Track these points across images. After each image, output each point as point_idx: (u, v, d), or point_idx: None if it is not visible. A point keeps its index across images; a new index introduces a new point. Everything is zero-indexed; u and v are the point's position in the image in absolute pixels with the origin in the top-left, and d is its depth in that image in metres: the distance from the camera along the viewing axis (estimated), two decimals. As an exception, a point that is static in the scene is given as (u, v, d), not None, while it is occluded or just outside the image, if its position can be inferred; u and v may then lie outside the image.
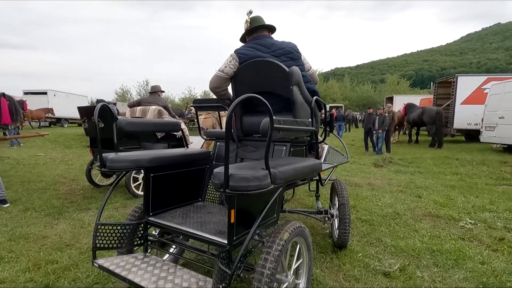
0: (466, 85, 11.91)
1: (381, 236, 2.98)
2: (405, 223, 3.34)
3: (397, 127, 12.60)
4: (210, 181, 2.35)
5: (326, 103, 1.51)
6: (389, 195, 4.50)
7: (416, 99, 17.64)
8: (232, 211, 1.49)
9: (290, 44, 2.25)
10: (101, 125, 4.32)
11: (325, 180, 2.69)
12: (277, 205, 1.87)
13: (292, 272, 1.69)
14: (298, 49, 2.26)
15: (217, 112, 7.33)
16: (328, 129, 2.44)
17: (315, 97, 2.18)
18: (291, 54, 2.18)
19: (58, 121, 22.27)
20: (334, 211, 2.81)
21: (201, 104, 2.44)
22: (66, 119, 22.86)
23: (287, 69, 1.98)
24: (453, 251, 2.63)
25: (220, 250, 1.53)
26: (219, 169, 1.35)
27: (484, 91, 11.42)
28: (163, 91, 5.56)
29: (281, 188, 1.65)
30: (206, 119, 7.29)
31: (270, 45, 2.20)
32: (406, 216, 3.55)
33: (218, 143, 2.53)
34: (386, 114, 9.51)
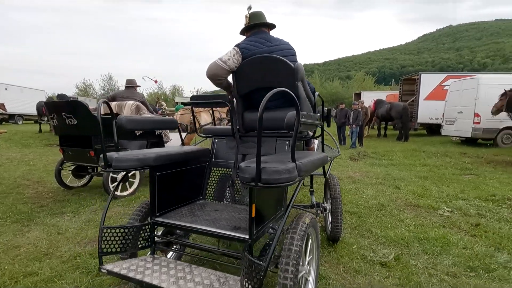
0: (428, 82, 12.77)
1: (371, 227, 3.08)
2: (390, 213, 3.49)
3: (368, 122, 13.20)
4: (229, 177, 2.31)
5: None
6: (370, 187, 4.68)
7: (382, 95, 18.59)
8: (254, 206, 1.51)
9: (286, 42, 2.26)
10: (74, 122, 3.98)
11: (327, 172, 2.74)
12: (284, 198, 1.92)
13: (307, 262, 1.70)
14: (292, 47, 2.27)
15: (196, 109, 7.14)
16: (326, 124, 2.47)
17: (317, 93, 2.20)
18: (288, 50, 2.20)
19: (11, 118, 20.27)
20: (327, 205, 2.85)
21: (200, 101, 2.33)
22: (21, 115, 20.90)
23: (293, 65, 2.00)
24: (438, 238, 2.79)
25: (245, 245, 1.53)
26: (247, 164, 1.34)
27: (444, 88, 12.34)
28: (139, 86, 5.26)
29: (302, 181, 1.67)
30: (183, 115, 7.04)
31: (272, 41, 2.20)
32: (390, 207, 3.72)
33: (216, 140, 2.47)
34: (360, 110, 9.90)
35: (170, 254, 2.22)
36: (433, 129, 13.48)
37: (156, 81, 6.96)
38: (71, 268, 2.32)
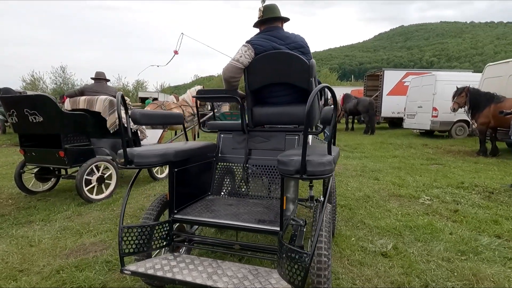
0: (390, 78, 13.57)
1: (363, 219, 3.17)
2: (377, 204, 3.63)
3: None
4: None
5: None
6: (352, 179, 4.84)
7: (347, 90, 19.40)
8: (285, 198, 1.59)
9: (301, 37, 2.24)
10: (39, 119, 3.55)
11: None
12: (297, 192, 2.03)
13: None
14: (307, 43, 2.25)
15: (165, 103, 6.80)
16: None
17: (325, 84, 2.20)
18: (302, 48, 2.19)
19: None
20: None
21: (208, 95, 2.24)
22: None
23: (308, 62, 2.00)
24: (425, 226, 2.96)
25: (279, 237, 1.56)
26: (289, 156, 1.36)
27: (404, 84, 13.21)
28: (109, 80, 4.84)
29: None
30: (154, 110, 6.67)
31: (284, 38, 2.16)
32: (376, 198, 3.87)
33: (222, 135, 2.44)
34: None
35: (181, 251, 2.19)
36: (395, 122, 14.40)
37: (176, 52, 6.59)
38: (55, 285, 2.05)
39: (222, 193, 2.37)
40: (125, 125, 1.70)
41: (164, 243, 1.81)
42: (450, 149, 8.20)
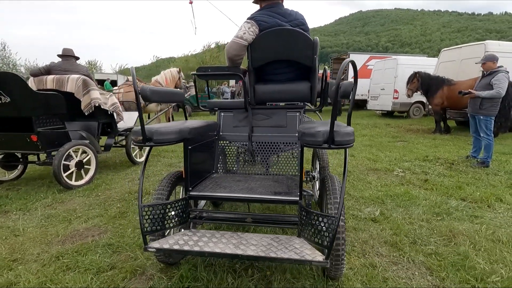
0: (355, 61, 14.15)
1: (348, 191, 3.42)
2: (358, 178, 3.93)
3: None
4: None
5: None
6: (331, 157, 5.13)
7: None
8: (304, 169, 1.71)
9: (301, 15, 2.26)
10: (6, 100, 3.21)
11: None
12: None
13: None
14: (306, 22, 2.26)
15: (139, 84, 6.46)
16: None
17: (325, 66, 2.29)
18: (303, 25, 2.21)
19: None
20: (316, 174, 3.05)
21: (209, 73, 2.18)
22: None
23: (312, 39, 2.05)
24: (403, 194, 3.29)
25: (300, 205, 1.69)
26: (313, 128, 1.44)
27: (368, 67, 13.90)
28: (78, 58, 4.44)
29: None
30: (127, 93, 6.31)
31: (286, 15, 2.16)
32: (356, 172, 4.17)
33: (222, 113, 2.44)
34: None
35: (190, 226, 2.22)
36: (359, 104, 15.20)
37: (191, 2, 6.05)
38: (60, 271, 1.97)
39: (227, 171, 2.41)
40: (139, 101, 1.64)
41: (182, 220, 1.83)
42: (409, 127, 8.96)
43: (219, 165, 2.39)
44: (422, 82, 7.85)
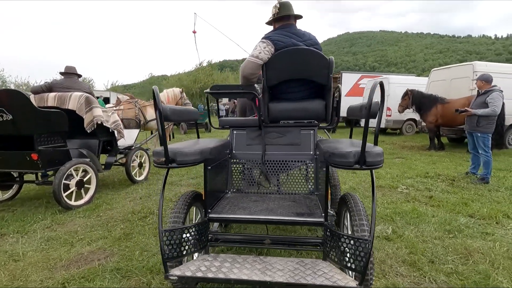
0: (348, 80, 14.55)
1: (356, 209, 3.40)
2: (363, 195, 3.92)
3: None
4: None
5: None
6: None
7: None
8: (329, 190, 1.71)
9: (314, 36, 2.33)
10: (8, 117, 3.13)
11: None
12: None
13: None
14: (318, 41, 2.34)
15: (140, 102, 6.43)
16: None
17: (338, 85, 2.32)
18: (317, 45, 2.28)
19: None
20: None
21: (224, 91, 2.18)
22: None
23: (328, 58, 2.10)
24: (411, 211, 3.29)
25: (326, 227, 1.65)
26: (343, 147, 1.43)
27: (360, 86, 14.28)
28: (80, 75, 4.42)
29: None
30: (128, 109, 6.25)
31: (301, 35, 2.23)
32: (360, 189, 4.16)
33: (235, 132, 2.41)
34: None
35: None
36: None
37: (195, 32, 6.02)
38: (68, 298, 1.85)
39: (240, 190, 2.36)
40: (159, 122, 1.61)
41: (202, 244, 1.76)
42: (404, 144, 9.12)
43: (233, 184, 2.35)
44: (414, 100, 8.08)
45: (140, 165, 4.91)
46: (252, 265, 1.58)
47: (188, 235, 1.63)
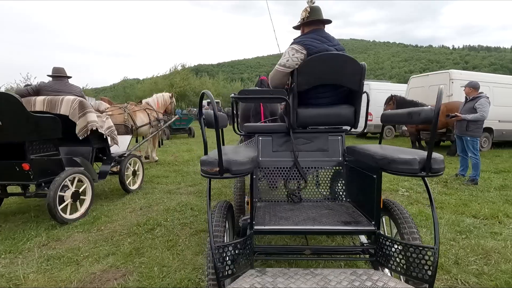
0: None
1: (366, 213, 3.43)
2: (368, 199, 3.97)
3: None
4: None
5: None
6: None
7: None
8: (382, 197, 1.63)
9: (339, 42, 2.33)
10: (-3, 124, 2.81)
11: None
12: None
13: None
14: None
15: (129, 107, 6.11)
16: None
17: (366, 91, 2.32)
18: (344, 51, 2.28)
19: None
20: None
21: (253, 96, 2.08)
22: None
23: (361, 64, 2.08)
24: (418, 213, 3.38)
25: (377, 236, 1.63)
26: (401, 154, 1.40)
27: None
28: (70, 77, 4.10)
29: None
30: (119, 114, 5.91)
31: (331, 39, 2.21)
32: (363, 193, 4.22)
33: (260, 138, 2.31)
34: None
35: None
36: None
37: None
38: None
39: (268, 199, 2.27)
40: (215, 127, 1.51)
41: (251, 258, 1.65)
42: (387, 148, 9.47)
43: (260, 192, 2.25)
44: (398, 105, 8.45)
45: (134, 173, 4.64)
46: (307, 279, 1.50)
47: (239, 250, 1.53)
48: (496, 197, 3.97)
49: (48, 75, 3.95)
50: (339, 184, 2.32)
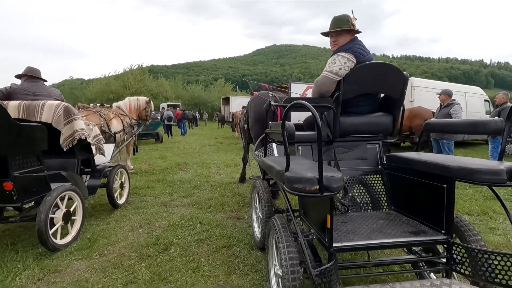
0: (296, 90, 15.34)
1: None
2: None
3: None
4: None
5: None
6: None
7: (246, 100, 20.64)
8: (454, 205, 1.66)
9: None
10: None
11: None
12: None
13: None
14: None
15: (104, 111, 5.52)
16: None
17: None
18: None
19: None
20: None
21: (298, 104, 1.99)
22: None
23: (405, 74, 2.13)
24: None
25: (450, 245, 1.66)
26: (487, 165, 1.42)
27: (307, 95, 15.22)
28: (46, 80, 3.54)
29: None
30: (92, 121, 5.27)
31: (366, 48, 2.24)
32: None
33: (300, 147, 2.25)
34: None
35: None
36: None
37: None
38: None
39: None
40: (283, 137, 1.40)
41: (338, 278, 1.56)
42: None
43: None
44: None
45: (121, 186, 4.18)
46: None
47: (334, 271, 1.43)
48: (474, 194, 4.41)
49: (18, 76, 3.36)
50: (379, 192, 2.33)
